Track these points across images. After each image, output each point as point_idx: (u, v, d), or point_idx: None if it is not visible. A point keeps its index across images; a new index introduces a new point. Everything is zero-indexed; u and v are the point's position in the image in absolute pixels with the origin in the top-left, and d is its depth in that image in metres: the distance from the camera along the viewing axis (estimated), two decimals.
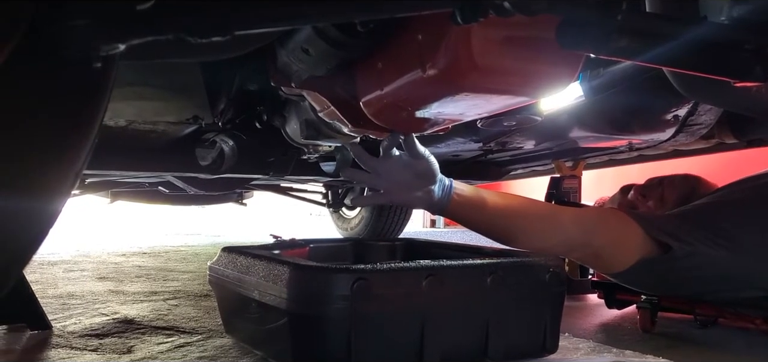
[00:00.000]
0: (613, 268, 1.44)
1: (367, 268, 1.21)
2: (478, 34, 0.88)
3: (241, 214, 4.50)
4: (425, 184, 1.29)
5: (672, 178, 1.78)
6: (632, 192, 1.82)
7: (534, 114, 1.47)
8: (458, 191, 1.32)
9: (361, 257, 1.81)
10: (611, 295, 1.93)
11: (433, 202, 1.30)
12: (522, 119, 1.50)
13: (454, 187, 1.31)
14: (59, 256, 3.15)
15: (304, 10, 0.72)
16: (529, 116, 1.48)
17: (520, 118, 1.48)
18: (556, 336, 1.43)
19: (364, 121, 1.22)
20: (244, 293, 1.36)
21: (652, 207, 1.74)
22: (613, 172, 2.99)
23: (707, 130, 1.68)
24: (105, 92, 0.72)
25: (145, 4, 0.65)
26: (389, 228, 3.54)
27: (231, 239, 4.60)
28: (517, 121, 1.51)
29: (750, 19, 0.89)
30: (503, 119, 1.48)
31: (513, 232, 1.36)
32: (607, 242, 1.40)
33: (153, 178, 2.38)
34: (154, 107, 1.46)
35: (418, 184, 1.29)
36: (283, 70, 1.17)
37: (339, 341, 1.17)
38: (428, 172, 1.28)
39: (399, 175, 1.29)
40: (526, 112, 1.45)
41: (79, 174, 0.75)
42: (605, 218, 1.47)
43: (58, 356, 1.38)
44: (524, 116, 1.47)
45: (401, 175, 1.28)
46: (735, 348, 1.62)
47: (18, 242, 0.71)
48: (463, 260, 1.37)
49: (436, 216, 7.08)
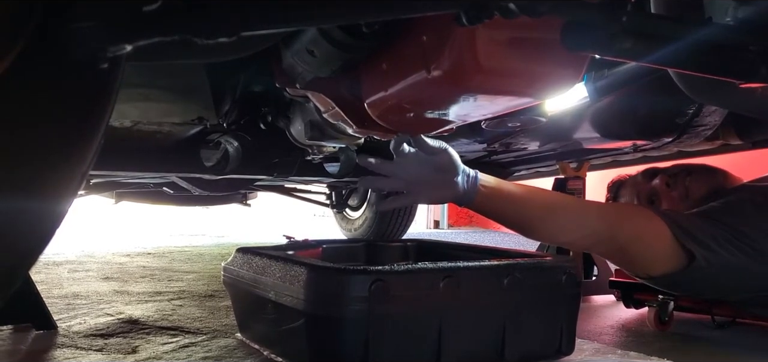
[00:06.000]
0: (640, 267, 1.43)
1: (385, 269, 1.20)
2: (482, 35, 0.88)
3: (245, 215, 4.50)
4: (448, 177, 1.25)
5: (699, 172, 1.74)
6: (658, 180, 1.77)
7: (538, 115, 1.47)
8: (484, 182, 1.29)
9: (374, 258, 1.81)
10: (629, 295, 1.92)
11: (459, 195, 1.27)
12: (526, 120, 1.50)
13: (480, 178, 1.28)
14: (64, 257, 3.16)
15: (310, 12, 0.72)
16: (533, 117, 1.48)
17: (525, 119, 1.48)
18: (572, 338, 1.42)
19: (369, 122, 1.22)
20: (260, 294, 1.36)
21: (675, 198, 1.71)
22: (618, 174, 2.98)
23: (712, 131, 1.68)
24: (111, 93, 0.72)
25: (152, 6, 0.65)
26: (393, 229, 3.54)
27: (236, 240, 4.61)
28: (521, 122, 1.51)
29: (755, 20, 0.89)
30: (507, 120, 1.48)
31: (540, 224, 1.35)
32: (633, 237, 1.38)
33: (158, 179, 2.38)
34: (159, 108, 1.47)
35: (441, 178, 1.26)
36: (287, 71, 1.18)
37: (356, 342, 1.17)
38: (449, 164, 1.25)
39: (418, 173, 1.26)
40: (530, 113, 1.45)
41: (85, 174, 0.75)
42: (632, 213, 1.46)
43: (64, 356, 1.38)
44: (529, 117, 1.47)
45: (420, 172, 1.25)
46: (746, 350, 1.61)
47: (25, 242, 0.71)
48: (479, 261, 1.36)
49: (439, 217, 7.08)
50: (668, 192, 1.74)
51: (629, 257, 1.42)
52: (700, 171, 1.75)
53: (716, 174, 1.74)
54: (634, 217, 1.42)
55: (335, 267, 1.26)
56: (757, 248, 1.37)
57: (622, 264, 1.54)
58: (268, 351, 1.40)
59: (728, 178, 1.73)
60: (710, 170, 1.75)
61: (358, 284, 1.17)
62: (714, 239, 1.36)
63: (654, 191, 1.77)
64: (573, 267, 1.42)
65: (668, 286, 1.52)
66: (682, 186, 1.72)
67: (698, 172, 1.74)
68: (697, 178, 1.72)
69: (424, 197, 1.32)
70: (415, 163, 1.25)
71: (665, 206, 1.70)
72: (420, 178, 1.26)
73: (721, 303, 1.66)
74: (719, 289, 1.46)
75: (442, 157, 1.25)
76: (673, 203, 1.70)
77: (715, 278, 1.38)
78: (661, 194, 1.75)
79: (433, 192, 1.29)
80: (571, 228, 1.36)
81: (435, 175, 1.26)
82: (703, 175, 1.73)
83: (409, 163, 1.25)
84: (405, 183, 1.28)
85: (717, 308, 1.69)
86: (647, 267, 1.41)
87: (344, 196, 3.67)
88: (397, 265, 1.24)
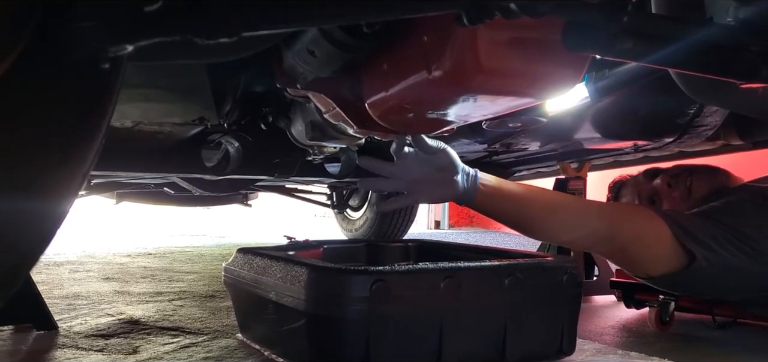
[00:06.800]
0: (640, 267, 1.43)
1: (386, 270, 1.21)
2: (483, 35, 0.88)
3: (246, 215, 4.51)
4: (448, 176, 1.26)
5: (701, 172, 1.74)
6: (659, 180, 1.77)
7: (539, 115, 1.47)
8: (484, 181, 1.30)
9: (375, 258, 1.81)
10: (630, 295, 1.92)
11: (459, 193, 1.28)
12: (527, 120, 1.50)
13: (480, 177, 1.29)
14: (65, 257, 3.16)
15: (310, 12, 0.72)
16: (534, 117, 1.48)
17: (526, 119, 1.48)
18: (573, 338, 1.42)
19: (370, 123, 1.22)
20: (261, 294, 1.36)
21: (677, 198, 1.71)
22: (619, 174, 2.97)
23: (713, 131, 1.68)
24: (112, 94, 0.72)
25: (153, 6, 0.65)
26: (394, 229, 3.54)
27: (236, 240, 4.61)
28: (522, 122, 1.51)
29: (756, 20, 0.89)
30: (508, 120, 1.48)
31: (541, 223, 1.35)
32: (633, 237, 1.38)
33: (158, 179, 2.38)
34: (160, 109, 1.47)
35: (441, 178, 1.27)
36: (288, 71, 1.17)
37: (357, 342, 1.17)
38: (448, 163, 1.27)
39: (419, 173, 1.27)
40: (531, 113, 1.45)
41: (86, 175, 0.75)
42: (632, 213, 1.46)
43: (64, 356, 1.38)
44: (530, 117, 1.47)
45: (421, 172, 1.27)
46: (747, 350, 1.61)
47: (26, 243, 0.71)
48: (480, 262, 1.36)
49: (440, 217, 7.08)
50: (669, 193, 1.74)
51: (629, 257, 1.42)
52: (702, 171, 1.74)
53: (718, 174, 1.74)
54: (635, 217, 1.42)
55: (336, 267, 1.27)
56: (757, 248, 1.36)
57: (622, 263, 1.54)
58: (269, 352, 1.40)
59: (730, 178, 1.72)
60: (712, 170, 1.75)
61: (359, 284, 1.17)
62: (714, 239, 1.36)
63: (655, 191, 1.77)
64: (574, 268, 1.42)
65: (668, 286, 1.51)
66: (683, 187, 1.72)
67: (699, 172, 1.74)
68: (699, 178, 1.72)
69: (425, 197, 1.33)
70: (415, 163, 1.27)
71: (666, 206, 1.69)
72: (421, 178, 1.27)
73: (722, 304, 1.66)
74: (720, 289, 1.46)
75: (441, 156, 1.26)
76: (674, 203, 1.70)
77: (716, 278, 1.38)
78: (662, 194, 1.74)
79: (433, 191, 1.29)
80: (572, 228, 1.37)
81: (435, 175, 1.27)
82: (705, 175, 1.73)
83: (410, 164, 1.27)
84: (405, 184, 1.29)
85: (718, 308, 1.69)
86: (647, 267, 1.41)
87: (345, 197, 3.67)
88: (398, 265, 1.24)
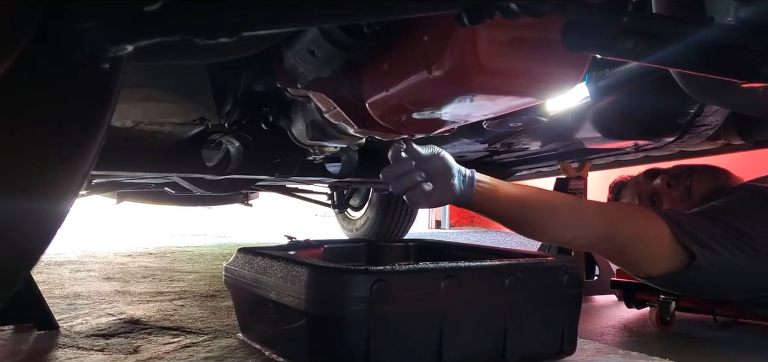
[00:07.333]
0: (640, 267, 1.43)
1: (386, 270, 1.21)
2: (483, 35, 0.88)
3: (247, 215, 4.51)
4: (443, 180, 1.27)
5: (701, 172, 1.74)
6: (659, 180, 1.77)
7: (540, 115, 1.47)
8: (481, 182, 1.30)
9: (376, 258, 1.81)
10: (631, 295, 1.92)
11: (456, 196, 1.28)
12: (528, 120, 1.50)
13: (477, 178, 1.30)
14: (66, 257, 3.17)
15: (311, 12, 0.72)
16: (535, 117, 1.48)
17: (526, 118, 1.48)
18: (574, 337, 1.42)
19: (370, 122, 1.22)
20: (262, 294, 1.36)
21: (677, 198, 1.71)
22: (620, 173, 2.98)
23: (714, 131, 1.68)
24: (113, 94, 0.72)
25: (153, 6, 0.65)
26: (394, 229, 3.54)
27: (237, 240, 4.61)
28: (522, 121, 1.51)
29: (756, 20, 0.89)
30: (509, 120, 1.47)
31: (539, 224, 1.36)
32: (633, 237, 1.38)
33: (159, 179, 2.38)
34: (160, 108, 1.47)
35: (436, 182, 1.27)
36: (289, 71, 1.18)
37: (357, 342, 1.17)
38: (442, 168, 1.27)
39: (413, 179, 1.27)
40: (532, 113, 1.45)
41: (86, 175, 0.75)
42: (632, 213, 1.46)
43: (65, 356, 1.38)
44: (530, 117, 1.47)
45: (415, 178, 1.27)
46: (748, 350, 1.61)
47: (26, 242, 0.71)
48: (481, 261, 1.36)
49: (440, 217, 7.08)
50: (669, 193, 1.73)
51: (629, 257, 1.42)
52: (702, 171, 1.74)
53: (718, 174, 1.73)
54: (635, 217, 1.42)
55: (337, 267, 1.27)
56: (757, 248, 1.36)
57: (622, 263, 1.54)
58: (270, 352, 1.40)
59: (730, 178, 1.72)
60: (712, 170, 1.75)
61: (359, 284, 1.17)
62: (715, 239, 1.36)
63: (655, 191, 1.76)
64: (575, 267, 1.42)
65: (668, 286, 1.51)
66: (683, 187, 1.72)
67: (699, 172, 1.74)
68: (699, 178, 1.72)
69: (423, 202, 1.33)
70: (408, 169, 1.27)
71: (666, 206, 1.69)
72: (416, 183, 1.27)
73: (723, 304, 1.66)
74: (720, 289, 1.46)
75: (434, 161, 1.27)
76: (674, 203, 1.70)
77: (716, 278, 1.38)
78: (662, 194, 1.74)
79: (431, 196, 1.29)
80: (571, 228, 1.37)
81: (430, 179, 1.27)
82: (705, 175, 1.73)
83: (402, 170, 1.27)
84: (402, 189, 1.29)
85: (719, 308, 1.69)
86: (647, 267, 1.41)
87: (346, 196, 3.67)
88: (398, 265, 1.24)
